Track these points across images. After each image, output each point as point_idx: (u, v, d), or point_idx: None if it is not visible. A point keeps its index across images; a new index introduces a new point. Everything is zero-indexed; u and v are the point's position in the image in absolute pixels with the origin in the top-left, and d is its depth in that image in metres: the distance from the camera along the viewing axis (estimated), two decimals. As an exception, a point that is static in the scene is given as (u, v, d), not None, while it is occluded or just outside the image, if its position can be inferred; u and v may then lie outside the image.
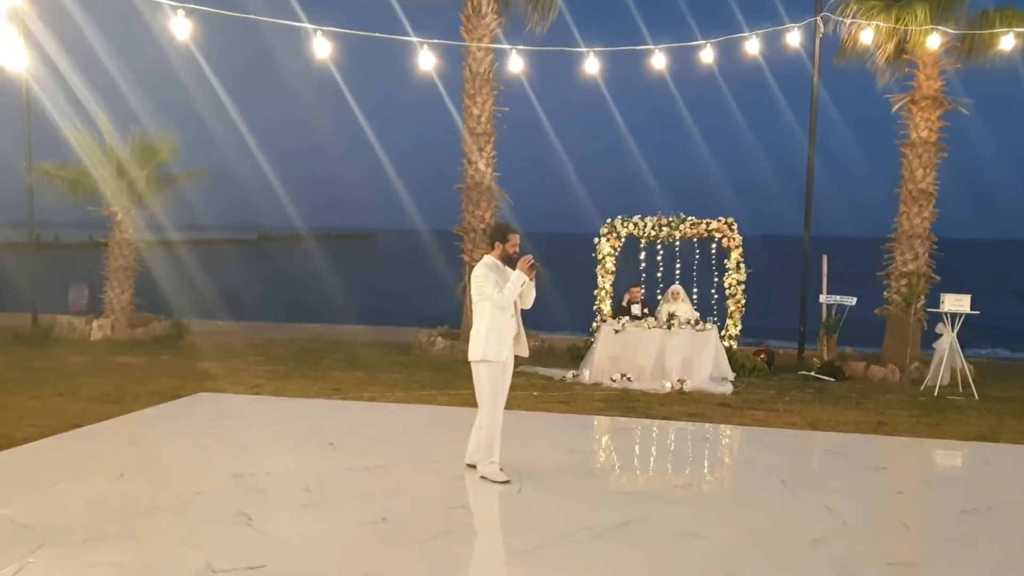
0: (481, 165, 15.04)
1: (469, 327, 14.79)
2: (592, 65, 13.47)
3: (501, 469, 6.91)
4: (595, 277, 14.26)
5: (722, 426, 9.62)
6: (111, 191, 15.81)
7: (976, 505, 6.63)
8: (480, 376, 6.87)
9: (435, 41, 12.62)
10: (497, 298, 6.68)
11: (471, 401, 10.47)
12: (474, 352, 6.85)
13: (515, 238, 6.88)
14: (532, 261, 6.77)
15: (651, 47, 13.17)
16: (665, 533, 5.82)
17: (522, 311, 7.01)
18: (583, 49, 13.39)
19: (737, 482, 7.22)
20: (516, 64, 13.83)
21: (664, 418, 9.97)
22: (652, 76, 13.60)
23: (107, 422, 8.85)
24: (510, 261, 6.89)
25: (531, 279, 6.91)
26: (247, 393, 10.79)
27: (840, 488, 7.10)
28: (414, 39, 12.42)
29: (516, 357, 7.08)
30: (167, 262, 17.89)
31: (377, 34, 11.55)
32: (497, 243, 6.90)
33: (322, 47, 11.27)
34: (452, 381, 11.92)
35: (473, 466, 7.09)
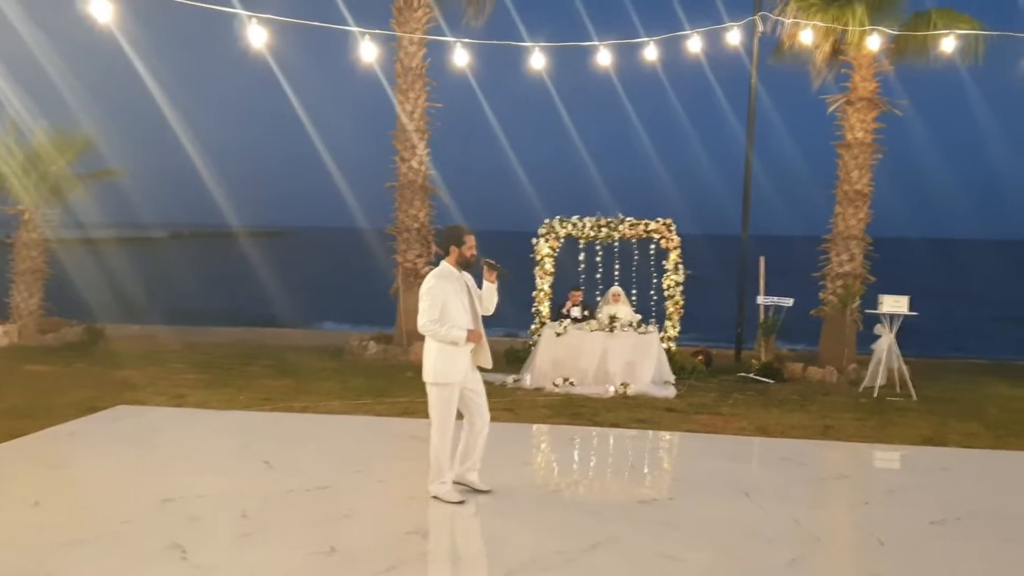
0: (415, 163, 14.54)
1: (403, 330, 14.46)
2: (531, 61, 13.04)
3: (486, 491, 6.52)
4: (533, 278, 13.91)
5: (674, 434, 9.37)
6: (18, 189, 14.77)
7: (944, 516, 6.47)
8: (431, 396, 6.42)
9: (371, 31, 12.03)
10: (430, 329, 6.23)
11: (411, 410, 10.07)
12: (425, 372, 6.41)
13: (471, 240, 6.43)
14: (496, 267, 6.41)
15: (593, 43, 12.83)
16: (639, 556, 5.47)
17: (483, 317, 6.57)
18: (521, 44, 12.99)
19: (700, 495, 6.91)
20: (452, 59, 13.32)
21: (613, 425, 9.68)
22: (593, 73, 13.25)
23: (18, 440, 8.10)
24: (468, 265, 6.46)
25: (493, 282, 6.51)
26: (170, 405, 10.10)
27: (805, 499, 6.88)
28: (351, 28, 11.81)
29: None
30: (79, 262, 16.90)
31: (308, 22, 10.91)
32: (452, 247, 6.44)
33: (257, 36, 10.57)
34: (388, 388, 11.43)
35: (463, 484, 6.64)
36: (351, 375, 12.53)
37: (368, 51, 12.03)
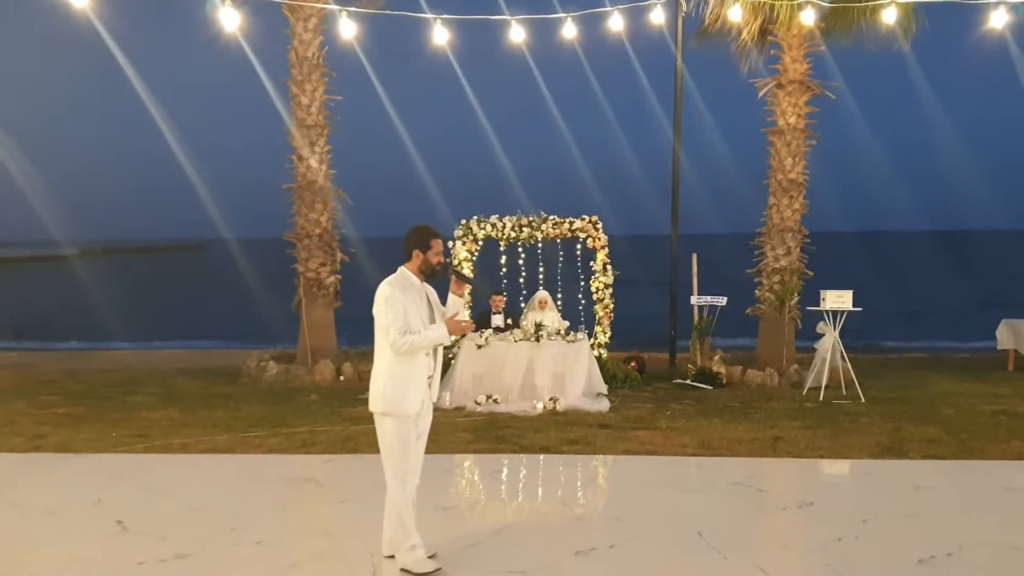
0: (313, 162, 13.18)
1: (307, 348, 13.11)
2: (435, 38, 11.81)
3: (432, 556, 5.29)
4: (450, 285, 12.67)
5: (610, 457, 8.26)
6: None
7: (933, 551, 5.46)
8: (384, 431, 5.16)
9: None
10: (404, 343, 4.99)
11: (309, 442, 8.72)
12: (374, 401, 5.15)
13: (439, 244, 5.21)
14: (468, 279, 5.53)
15: (503, 17, 11.68)
16: (577, 639, 4.30)
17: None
18: (423, 15, 11.76)
19: (647, 539, 5.77)
20: (352, 48, 12.05)
21: (542, 449, 8.52)
22: (507, 58, 12.16)
23: None
24: (433, 274, 5.22)
25: (461, 296, 5.39)
26: (23, 450, 8.53)
27: (768, 539, 5.84)
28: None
29: None
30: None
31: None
32: (416, 251, 5.18)
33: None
34: (286, 417, 10.07)
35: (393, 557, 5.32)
36: (246, 401, 11.11)
37: (229, 18, 10.63)
